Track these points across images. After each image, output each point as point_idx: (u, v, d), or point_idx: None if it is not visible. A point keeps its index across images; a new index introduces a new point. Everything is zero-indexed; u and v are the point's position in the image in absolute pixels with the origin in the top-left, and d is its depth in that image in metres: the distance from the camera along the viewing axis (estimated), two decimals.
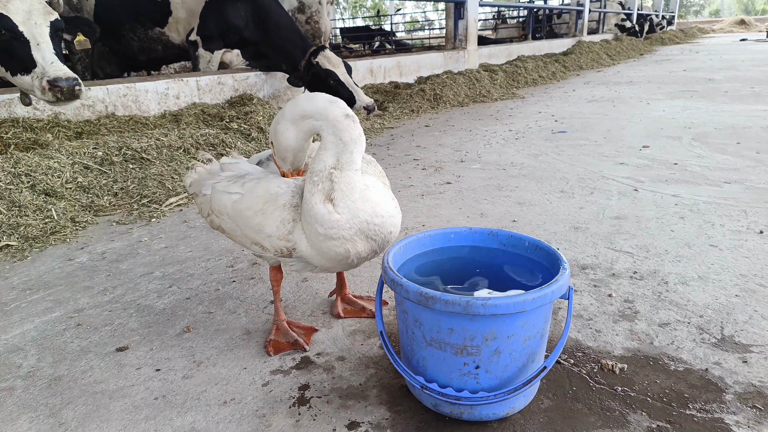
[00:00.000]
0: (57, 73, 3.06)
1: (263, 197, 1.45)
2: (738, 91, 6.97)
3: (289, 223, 1.42)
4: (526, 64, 9.52)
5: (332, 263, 1.45)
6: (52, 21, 3.21)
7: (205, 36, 5.35)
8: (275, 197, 1.44)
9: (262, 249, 1.51)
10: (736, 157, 3.69)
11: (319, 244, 1.38)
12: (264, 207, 1.44)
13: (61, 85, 3.03)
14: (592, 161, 3.78)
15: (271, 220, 1.43)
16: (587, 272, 2.08)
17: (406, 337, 1.33)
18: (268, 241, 1.46)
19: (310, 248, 1.42)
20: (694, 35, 26.65)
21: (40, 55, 3.10)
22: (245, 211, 1.47)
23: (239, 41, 5.47)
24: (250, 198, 1.47)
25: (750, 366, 1.47)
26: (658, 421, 1.29)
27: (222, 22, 5.26)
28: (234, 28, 5.31)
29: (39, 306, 1.99)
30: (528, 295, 1.14)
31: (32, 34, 3.10)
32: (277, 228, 1.43)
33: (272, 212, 1.43)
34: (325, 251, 1.39)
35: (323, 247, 1.38)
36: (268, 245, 1.47)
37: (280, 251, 1.47)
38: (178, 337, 1.75)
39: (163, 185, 3.32)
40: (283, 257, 1.50)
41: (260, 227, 1.45)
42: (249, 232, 1.49)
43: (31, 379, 1.55)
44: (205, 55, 5.42)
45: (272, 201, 1.44)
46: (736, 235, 2.36)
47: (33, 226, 2.67)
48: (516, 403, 1.29)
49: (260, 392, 1.45)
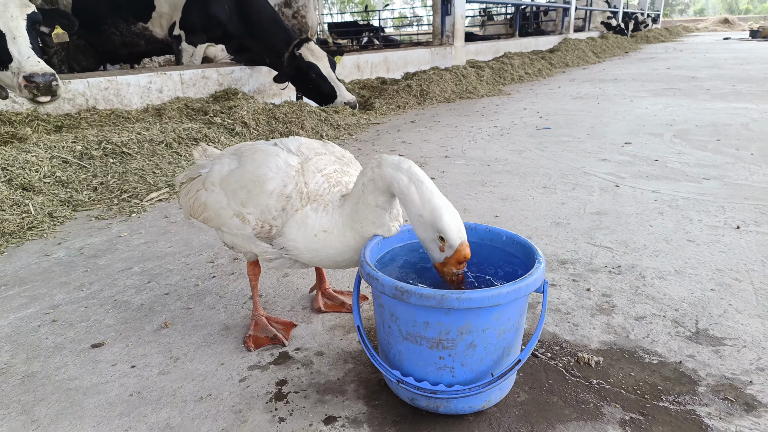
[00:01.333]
0: (33, 68, 2.99)
1: (266, 163, 1.46)
2: (720, 89, 7.06)
3: (281, 207, 1.42)
4: (512, 60, 9.55)
5: (322, 259, 1.47)
6: (29, 14, 3.14)
7: (188, 30, 5.29)
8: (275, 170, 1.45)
9: (242, 222, 1.47)
10: (715, 154, 3.74)
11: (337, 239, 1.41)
12: (266, 160, 1.45)
13: (37, 80, 2.97)
14: (575, 157, 3.81)
15: (275, 183, 1.42)
16: (567, 267, 2.09)
17: (383, 331, 1.32)
18: (256, 207, 1.44)
19: (303, 242, 1.43)
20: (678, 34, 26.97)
21: (16, 49, 3.04)
22: (243, 174, 1.47)
23: (223, 35, 5.42)
24: (248, 163, 1.47)
25: (723, 359, 1.49)
26: (632, 413, 1.30)
27: (205, 15, 5.21)
28: (217, 22, 5.26)
29: (14, 302, 1.95)
30: (502, 289, 1.14)
31: (8, 27, 3.04)
32: (278, 196, 1.42)
33: (275, 175, 1.43)
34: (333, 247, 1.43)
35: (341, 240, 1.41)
36: (254, 216, 1.45)
37: (262, 228, 1.45)
38: (155, 333, 1.73)
39: (144, 180, 3.27)
40: (261, 239, 1.48)
41: (261, 182, 1.43)
42: (240, 194, 1.46)
43: (3, 376, 1.52)
44: (188, 48, 5.36)
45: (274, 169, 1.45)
46: (713, 230, 2.39)
47: (9, 221, 2.62)
48: (492, 396, 1.30)
49: (237, 388, 1.45)
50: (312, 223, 1.42)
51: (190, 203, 1.60)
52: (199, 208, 1.58)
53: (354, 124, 5.25)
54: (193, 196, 1.59)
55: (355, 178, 1.48)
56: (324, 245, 1.43)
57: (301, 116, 4.86)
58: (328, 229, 1.42)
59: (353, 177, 1.52)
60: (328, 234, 1.42)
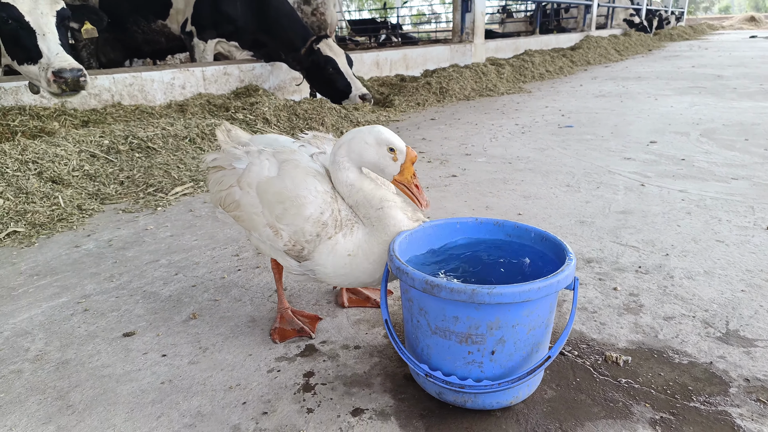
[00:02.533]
0: (62, 64, 3.06)
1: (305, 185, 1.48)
2: (747, 88, 6.91)
3: (316, 234, 1.44)
4: (533, 58, 9.46)
5: (352, 282, 1.52)
6: (58, 10, 3.21)
7: (199, 25, 5.34)
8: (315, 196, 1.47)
9: (275, 234, 1.48)
10: (743, 154, 3.66)
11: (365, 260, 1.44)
12: (305, 181, 1.48)
13: (66, 76, 3.03)
14: (598, 156, 3.76)
15: (312, 208, 1.44)
16: (592, 266, 2.07)
17: (411, 325, 1.33)
18: (290, 227, 1.45)
19: (332, 267, 1.47)
20: (703, 31, 26.41)
21: (45, 46, 3.10)
22: (281, 190, 1.47)
23: (235, 31, 5.43)
24: (288, 178, 1.48)
25: (755, 360, 1.47)
26: (662, 412, 1.29)
27: (215, 11, 5.24)
28: (227, 17, 5.28)
29: (46, 291, 2.00)
30: (533, 284, 1.14)
31: (38, 24, 3.10)
32: (314, 223, 1.44)
33: (313, 199, 1.46)
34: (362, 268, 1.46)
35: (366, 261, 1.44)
36: (287, 233, 1.46)
37: (294, 247, 1.46)
38: (184, 323, 1.76)
39: (169, 174, 3.32)
40: (291, 256, 1.50)
41: (299, 204, 1.44)
42: (276, 209, 1.47)
43: (38, 363, 1.57)
44: (199, 44, 5.42)
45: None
46: (742, 230, 2.35)
47: (40, 213, 2.68)
48: (520, 393, 1.29)
49: (265, 378, 1.46)
50: (340, 249, 1.44)
51: (222, 196, 1.59)
52: (231, 205, 1.57)
53: (374, 122, 5.26)
54: (226, 191, 1.57)
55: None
56: (352, 269, 1.45)
57: (322, 113, 4.89)
58: (353, 251, 1.44)
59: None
60: (354, 257, 1.44)
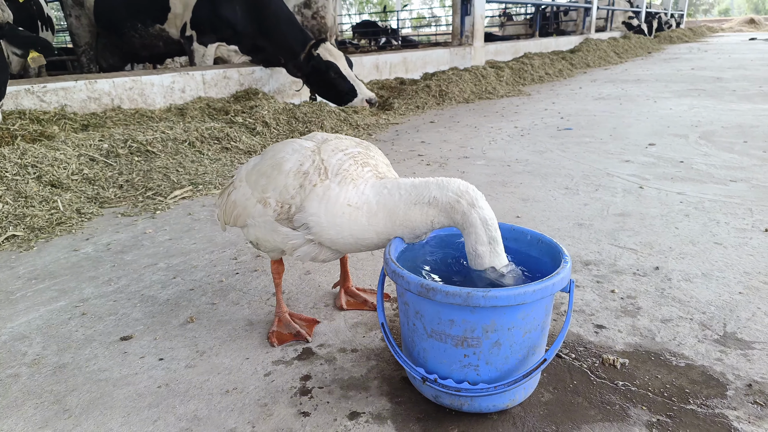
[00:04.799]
0: None
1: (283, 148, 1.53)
2: (746, 90, 6.92)
3: (299, 184, 1.44)
4: (532, 61, 9.48)
5: (344, 237, 1.44)
6: None
7: (198, 30, 5.35)
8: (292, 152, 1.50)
9: (264, 207, 1.48)
10: (742, 156, 3.67)
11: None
12: (283, 146, 1.53)
13: None
14: (597, 158, 3.77)
15: (291, 163, 1.46)
16: (590, 268, 2.07)
17: (407, 328, 1.33)
18: (275, 190, 1.46)
19: (326, 216, 1.41)
20: (702, 34, 26.45)
21: None
22: (263, 162, 1.52)
23: (234, 35, 5.44)
24: (269, 153, 1.55)
25: (752, 362, 1.47)
26: (659, 415, 1.29)
27: (214, 15, 5.25)
28: (227, 22, 5.29)
29: (44, 295, 2.01)
30: (528, 287, 1.14)
31: None
32: (294, 174, 1.45)
33: (291, 155, 1.48)
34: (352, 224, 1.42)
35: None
36: (274, 199, 1.46)
37: (282, 209, 1.45)
38: (181, 327, 1.77)
39: (168, 178, 3.33)
40: (282, 222, 1.47)
41: (278, 165, 1.48)
42: (261, 181, 1.50)
43: (36, 367, 1.57)
44: (199, 49, 5.42)
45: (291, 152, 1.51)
46: (741, 233, 2.35)
47: (39, 216, 2.69)
48: (516, 396, 1.29)
49: (262, 382, 1.46)
50: (335, 196, 1.39)
51: (224, 208, 1.66)
52: (230, 209, 1.62)
53: (373, 124, 5.27)
54: (225, 200, 1.64)
55: (380, 161, 1.53)
56: (349, 220, 1.39)
57: (321, 116, 4.90)
58: (356, 203, 1.39)
59: (378, 160, 1.54)
60: (356, 209, 1.39)
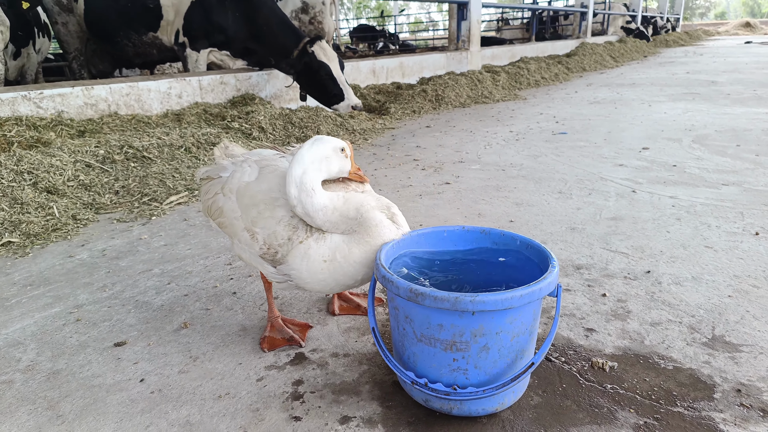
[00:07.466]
0: None
1: (276, 187, 1.49)
2: (740, 94, 6.96)
3: (287, 237, 1.44)
4: (528, 65, 9.53)
5: (333, 288, 1.49)
6: None
7: (191, 36, 5.36)
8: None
9: (251, 238, 1.49)
10: (735, 160, 3.69)
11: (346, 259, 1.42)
12: (279, 184, 1.49)
13: None
14: (591, 162, 3.79)
15: (284, 210, 1.46)
16: (582, 272, 2.09)
17: (398, 333, 1.35)
18: (264, 229, 1.46)
19: (308, 273, 1.44)
20: (698, 38, 26.59)
21: None
22: (256, 193, 1.50)
23: (225, 40, 5.45)
24: (264, 182, 1.51)
25: (739, 365, 1.48)
26: (646, 417, 1.30)
27: (206, 21, 5.26)
28: (218, 27, 5.30)
29: (39, 301, 2.02)
30: (516, 292, 1.16)
31: None
32: (285, 225, 1.45)
33: (279, 208, 1.46)
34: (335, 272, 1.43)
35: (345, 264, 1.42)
36: (262, 236, 1.47)
37: (269, 250, 1.47)
38: (175, 333, 1.78)
39: (164, 184, 3.34)
40: (266, 261, 1.49)
41: (271, 206, 1.46)
42: (251, 212, 1.49)
43: (30, 373, 1.58)
44: (192, 54, 5.44)
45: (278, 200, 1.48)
46: (731, 236, 2.37)
47: (35, 223, 2.70)
48: (505, 399, 1.31)
49: (254, 387, 1.48)
50: (314, 254, 1.42)
51: (209, 204, 1.65)
52: (216, 212, 1.62)
53: (369, 129, 5.29)
54: (212, 198, 1.63)
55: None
56: (332, 274, 1.42)
57: (317, 121, 4.92)
58: (328, 257, 1.41)
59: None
60: (331, 262, 1.41)
